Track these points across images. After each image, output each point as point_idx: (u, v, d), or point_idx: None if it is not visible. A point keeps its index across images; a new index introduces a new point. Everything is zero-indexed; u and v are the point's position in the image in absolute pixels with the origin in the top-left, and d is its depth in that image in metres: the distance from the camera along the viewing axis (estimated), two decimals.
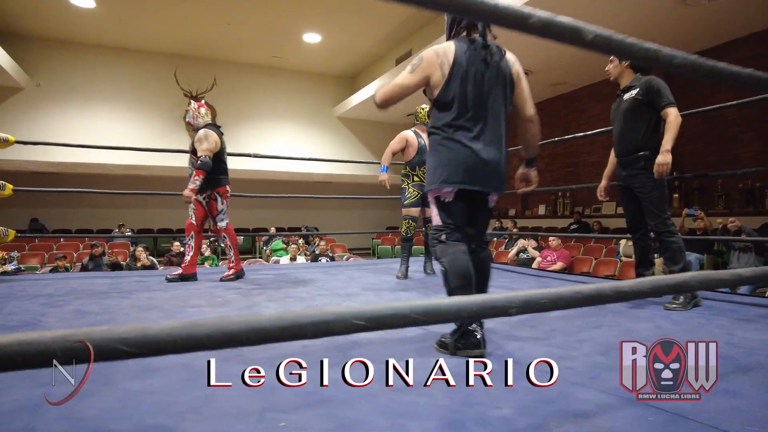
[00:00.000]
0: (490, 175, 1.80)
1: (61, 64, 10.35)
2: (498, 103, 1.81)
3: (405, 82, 1.81)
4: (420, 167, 3.91)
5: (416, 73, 1.81)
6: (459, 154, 1.77)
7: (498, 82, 1.81)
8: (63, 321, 2.31)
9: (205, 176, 3.59)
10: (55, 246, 9.62)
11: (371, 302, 2.79)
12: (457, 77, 1.76)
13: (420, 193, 3.90)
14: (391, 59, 11.01)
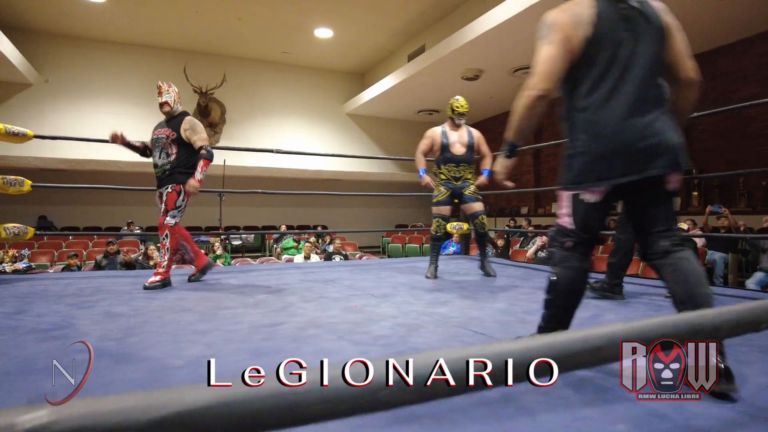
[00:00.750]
0: (657, 152, 1.40)
1: (70, 59, 10.24)
2: (654, 65, 1.44)
3: (546, 58, 1.44)
4: (445, 165, 3.72)
5: (554, 43, 1.43)
6: (609, 137, 1.41)
7: (650, 38, 1.43)
8: (97, 324, 2.19)
9: (208, 166, 3.34)
10: (64, 244, 9.52)
11: (410, 303, 2.67)
12: (597, 38, 1.42)
13: (449, 191, 3.75)
14: (403, 55, 10.87)
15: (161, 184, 3.34)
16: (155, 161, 3.35)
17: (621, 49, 1.42)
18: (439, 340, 1.90)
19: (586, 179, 1.45)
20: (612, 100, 1.41)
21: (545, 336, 0.57)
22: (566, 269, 1.52)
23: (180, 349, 1.78)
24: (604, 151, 1.41)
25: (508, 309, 2.51)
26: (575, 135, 1.49)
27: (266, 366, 1.56)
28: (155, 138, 3.35)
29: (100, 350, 1.74)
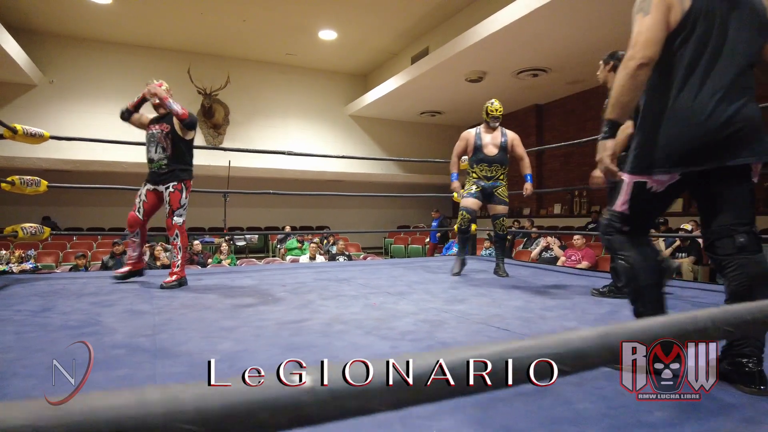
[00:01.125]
0: (745, 140, 1.32)
1: (75, 60, 10.26)
2: (750, 54, 1.37)
3: (645, 26, 1.36)
4: (478, 164, 3.83)
5: (654, 11, 1.35)
6: (688, 122, 1.34)
7: (750, 26, 1.36)
8: (122, 321, 2.22)
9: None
10: (69, 244, 9.53)
11: (428, 300, 2.71)
12: (699, 15, 1.34)
13: (480, 188, 3.81)
14: (407, 57, 10.92)
15: (159, 180, 3.33)
16: (150, 156, 3.34)
17: (718, 30, 1.34)
18: (465, 335, 1.94)
19: (659, 165, 1.37)
20: (702, 83, 1.34)
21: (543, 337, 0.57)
22: (636, 254, 1.44)
23: (212, 344, 1.81)
24: (687, 136, 1.34)
25: (526, 306, 2.55)
26: (654, 116, 1.41)
27: (302, 359, 1.60)
28: (150, 133, 3.35)
29: (133, 346, 1.78)
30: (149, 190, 3.37)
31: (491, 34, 7.33)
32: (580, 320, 2.22)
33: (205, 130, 11.42)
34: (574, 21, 6.70)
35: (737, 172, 1.36)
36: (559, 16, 6.65)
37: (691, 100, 1.34)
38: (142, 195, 3.38)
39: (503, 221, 3.84)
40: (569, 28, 6.96)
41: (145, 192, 3.37)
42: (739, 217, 1.35)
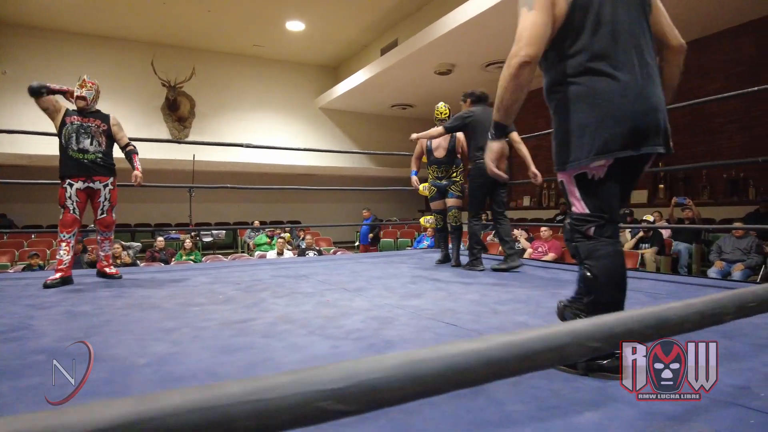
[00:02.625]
0: (659, 126, 1.32)
1: (31, 51, 9.83)
2: (644, 32, 1.37)
3: (529, 22, 1.31)
4: (430, 166, 4.20)
5: (537, 7, 1.31)
6: (612, 105, 1.29)
7: (634, 6, 1.36)
8: (55, 323, 2.10)
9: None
10: (26, 243, 9.17)
11: (384, 296, 2.66)
12: (588, 6, 1.32)
13: (436, 188, 4.19)
14: (376, 49, 10.82)
15: (92, 173, 3.33)
16: (84, 146, 3.30)
17: (610, 16, 1.32)
18: (412, 332, 1.89)
19: (587, 154, 1.31)
20: (609, 67, 1.30)
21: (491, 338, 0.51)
22: (600, 259, 1.35)
23: (144, 347, 1.72)
24: (608, 121, 1.29)
25: (481, 300, 2.52)
26: (572, 108, 1.35)
27: (234, 362, 1.52)
28: (81, 125, 3.32)
29: (58, 351, 1.67)
30: (79, 190, 3.33)
31: (459, 25, 7.30)
32: (533, 314, 2.20)
33: (170, 123, 11.11)
34: None
35: (641, 161, 1.38)
36: None
37: (606, 85, 1.31)
38: (73, 196, 3.32)
39: (455, 213, 4.08)
40: None
41: (76, 192, 3.32)
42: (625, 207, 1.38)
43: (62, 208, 3.31)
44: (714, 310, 0.54)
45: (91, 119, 3.37)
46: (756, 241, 5.51)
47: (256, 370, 1.47)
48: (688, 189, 8.02)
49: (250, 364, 1.52)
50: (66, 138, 3.30)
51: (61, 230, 3.30)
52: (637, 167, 1.40)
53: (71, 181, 3.30)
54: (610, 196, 1.36)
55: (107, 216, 3.45)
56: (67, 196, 3.30)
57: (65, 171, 3.31)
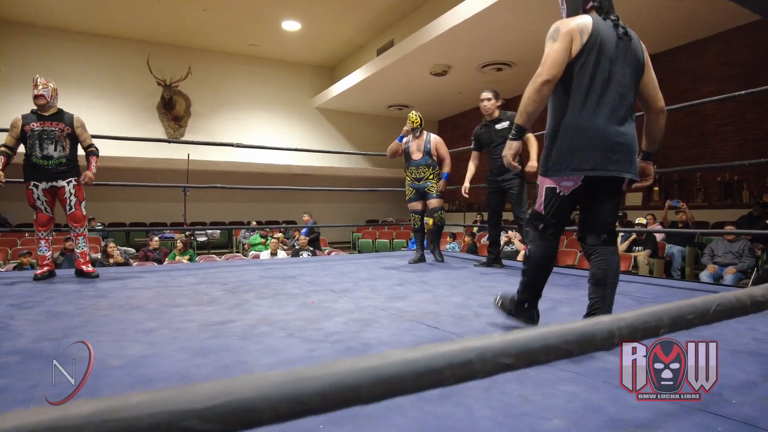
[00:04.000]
0: (626, 157, 1.70)
1: (24, 48, 9.79)
2: (630, 85, 1.72)
3: (553, 50, 1.69)
4: (408, 168, 4.40)
5: (560, 40, 1.69)
6: (592, 136, 1.67)
7: (631, 65, 1.72)
8: (34, 324, 2.08)
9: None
10: (20, 241, 9.14)
11: (369, 298, 2.65)
12: (593, 48, 1.68)
13: (414, 189, 4.38)
14: (372, 49, 10.81)
15: (57, 176, 3.36)
16: (48, 153, 3.31)
17: (608, 64, 1.68)
18: (392, 334, 1.88)
19: (563, 169, 1.71)
20: (598, 105, 1.67)
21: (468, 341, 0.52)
22: (538, 246, 1.82)
23: (120, 348, 1.70)
24: (581, 146, 1.67)
25: (464, 303, 2.51)
26: (561, 132, 1.73)
27: (208, 365, 1.51)
28: (44, 130, 3.31)
29: (32, 352, 1.65)
30: (45, 189, 3.36)
31: (454, 26, 7.29)
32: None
33: (166, 123, 11.08)
34: (537, 14, 6.70)
35: (613, 184, 1.74)
36: (522, 9, 6.64)
37: (589, 119, 1.67)
38: (41, 196, 3.37)
39: (440, 214, 4.36)
40: (532, 22, 6.97)
41: (42, 192, 3.36)
42: (603, 221, 1.78)
43: (34, 209, 3.38)
44: (647, 324, 0.53)
45: (54, 122, 3.34)
46: (748, 245, 5.51)
47: (230, 372, 1.46)
48: (683, 191, 8.02)
49: (223, 367, 1.51)
50: (29, 146, 3.30)
51: (38, 229, 3.42)
52: (605, 187, 1.74)
53: (36, 182, 3.33)
54: (564, 208, 1.78)
55: (75, 211, 3.45)
56: (35, 197, 3.36)
57: (28, 176, 3.35)
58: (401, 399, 1.15)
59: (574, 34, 1.68)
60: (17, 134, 3.33)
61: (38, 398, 1.25)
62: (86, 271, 3.52)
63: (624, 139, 1.68)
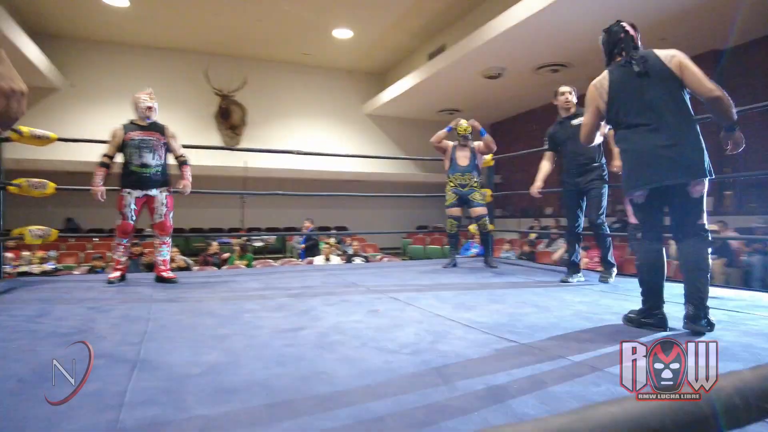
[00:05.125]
0: (674, 166, 1.96)
1: (94, 64, 10.40)
2: (665, 99, 2.02)
3: (585, 120, 2.31)
4: (453, 174, 4.45)
5: (588, 111, 2.26)
6: (639, 157, 2.04)
7: (658, 82, 2.04)
8: (114, 328, 2.14)
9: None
10: (90, 245, 9.66)
11: (435, 307, 2.57)
12: (617, 96, 2.12)
13: (457, 195, 4.41)
14: (424, 54, 10.76)
15: (152, 185, 3.50)
16: (146, 161, 3.45)
17: (637, 95, 2.07)
18: (470, 347, 1.79)
19: (632, 187, 2.10)
20: (636, 130, 2.07)
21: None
22: (644, 254, 2.10)
23: (198, 355, 1.71)
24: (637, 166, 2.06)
25: (538, 314, 2.39)
26: (622, 156, 2.15)
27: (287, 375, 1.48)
28: (141, 139, 3.46)
29: (116, 356, 1.69)
30: (138, 198, 3.49)
31: (508, 28, 7.13)
32: (596, 332, 2.05)
33: (223, 131, 11.46)
34: (594, 13, 6.45)
35: (680, 189, 2.02)
36: (579, 8, 6.42)
37: (636, 142, 2.07)
38: (131, 204, 3.48)
39: (485, 221, 4.36)
40: (589, 21, 6.71)
41: (134, 200, 3.49)
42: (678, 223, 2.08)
43: (120, 214, 3.48)
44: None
45: (151, 132, 3.49)
46: None
47: (311, 383, 1.43)
48: (762, 196, 7.46)
49: (303, 377, 1.48)
50: (128, 155, 3.45)
51: (119, 235, 3.52)
52: (674, 192, 2.03)
53: (130, 189, 3.45)
54: (648, 212, 2.11)
55: (164, 220, 3.57)
56: (125, 204, 3.47)
57: (125, 183, 3.46)
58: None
59: (596, 101, 2.23)
60: (118, 144, 3.47)
61: (129, 403, 1.25)
62: (167, 277, 3.59)
63: (668, 152, 1.98)
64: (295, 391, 1.36)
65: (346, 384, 1.41)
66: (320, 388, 1.38)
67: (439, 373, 1.50)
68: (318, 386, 1.39)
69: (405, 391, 1.35)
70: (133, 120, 3.53)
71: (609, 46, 2.24)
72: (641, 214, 2.12)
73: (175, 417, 1.17)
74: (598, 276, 3.60)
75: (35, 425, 1.14)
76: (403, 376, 1.48)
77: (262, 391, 1.36)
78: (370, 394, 1.33)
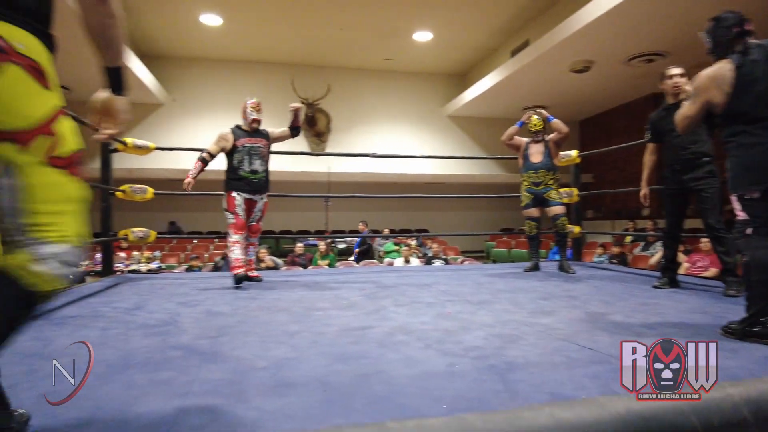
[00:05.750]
0: None
1: (192, 79, 11.31)
2: None
3: (688, 112, 2.13)
4: (526, 172, 4.25)
5: (695, 102, 2.07)
6: (756, 153, 1.86)
7: None
8: (196, 322, 2.28)
9: None
10: (189, 246, 10.47)
11: (510, 311, 2.46)
12: (744, 88, 1.90)
13: (532, 195, 4.22)
14: (506, 51, 10.46)
15: (259, 190, 3.62)
16: (254, 168, 3.57)
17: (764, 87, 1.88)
18: (539, 354, 1.69)
19: (752, 182, 1.90)
20: (754, 127, 1.89)
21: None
22: (755, 250, 1.87)
23: (266, 349, 1.77)
24: (755, 164, 1.88)
25: (624, 321, 2.20)
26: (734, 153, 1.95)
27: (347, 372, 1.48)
28: (251, 146, 3.57)
29: (192, 348, 1.79)
30: (246, 199, 3.57)
31: (596, 18, 6.71)
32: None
33: (309, 138, 11.92)
34: None
35: None
36: None
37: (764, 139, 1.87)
38: (242, 204, 3.54)
39: (563, 221, 4.13)
40: (690, 3, 6.12)
41: (243, 200, 3.55)
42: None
43: (232, 214, 3.53)
44: None
45: (257, 140, 3.61)
46: None
47: (369, 381, 1.42)
48: None
49: (362, 375, 1.47)
50: (238, 160, 3.54)
51: (235, 232, 3.50)
52: None
53: (239, 192, 3.55)
54: (761, 207, 1.88)
55: (257, 224, 3.71)
56: (237, 204, 3.53)
57: (235, 187, 3.54)
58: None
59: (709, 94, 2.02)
60: (224, 147, 3.58)
61: (195, 392, 1.32)
62: (252, 276, 3.69)
63: None
64: (353, 388, 1.35)
65: (404, 385, 1.38)
66: (377, 387, 1.36)
67: (503, 380, 1.42)
68: (376, 385, 1.38)
69: (463, 395, 1.29)
70: (240, 125, 3.66)
71: (721, 34, 2.02)
72: (754, 208, 1.89)
73: (234, 407, 1.21)
74: (722, 290, 2.91)
75: (110, 405, 1.23)
76: (464, 381, 1.42)
77: (320, 386, 1.37)
78: (426, 397, 1.29)
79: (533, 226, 4.27)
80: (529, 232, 4.32)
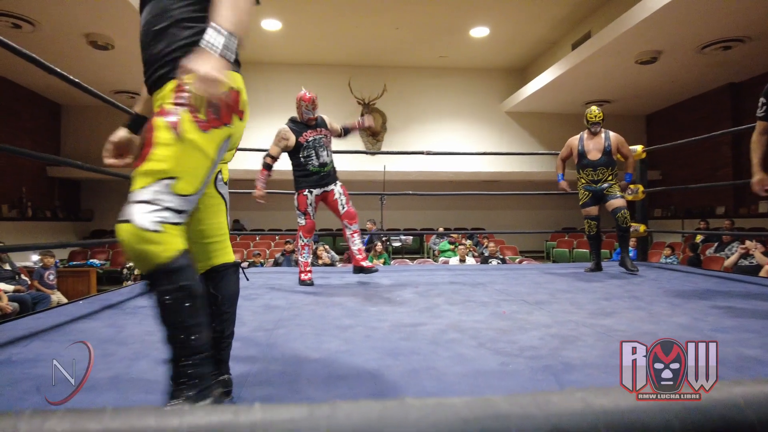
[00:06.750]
0: None
1: (254, 83, 11.70)
2: None
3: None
4: (583, 170, 4.06)
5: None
6: None
7: None
8: (255, 314, 2.37)
9: None
10: (252, 243, 10.88)
11: (569, 312, 2.38)
12: None
13: (590, 193, 4.05)
14: (567, 44, 10.10)
15: (331, 181, 3.48)
16: (323, 160, 3.44)
17: None
18: (598, 356, 1.62)
19: None
20: None
21: None
22: None
23: (320, 342, 1.81)
24: None
25: (691, 324, 2.07)
26: None
27: (397, 366, 1.49)
28: (314, 138, 3.43)
29: (250, 340, 1.86)
30: (317, 195, 3.48)
31: (666, 4, 6.33)
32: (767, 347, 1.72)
33: (365, 138, 12.06)
34: None
35: None
36: None
37: None
38: (313, 203, 3.47)
39: (624, 214, 3.92)
40: None
41: (315, 198, 3.47)
42: None
43: (303, 214, 3.47)
44: None
45: (319, 129, 3.46)
46: None
47: (419, 377, 1.42)
48: None
49: (412, 371, 1.48)
50: (305, 156, 3.41)
51: (305, 235, 3.47)
52: None
53: (311, 188, 3.45)
54: None
55: (349, 208, 3.51)
56: (308, 203, 3.45)
57: (306, 184, 3.43)
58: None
59: None
60: (287, 146, 3.42)
61: (250, 383, 1.37)
62: (366, 267, 3.49)
63: None
64: (402, 383, 1.36)
65: (454, 382, 1.38)
66: (426, 384, 1.36)
67: (558, 381, 1.38)
68: (425, 381, 1.38)
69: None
70: (294, 119, 3.49)
71: None
72: None
73: (285, 398, 1.25)
74: None
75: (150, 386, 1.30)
76: (516, 381, 1.39)
77: (371, 380, 1.39)
78: (476, 394, 1.26)
79: (593, 225, 4.12)
80: (588, 232, 4.17)
